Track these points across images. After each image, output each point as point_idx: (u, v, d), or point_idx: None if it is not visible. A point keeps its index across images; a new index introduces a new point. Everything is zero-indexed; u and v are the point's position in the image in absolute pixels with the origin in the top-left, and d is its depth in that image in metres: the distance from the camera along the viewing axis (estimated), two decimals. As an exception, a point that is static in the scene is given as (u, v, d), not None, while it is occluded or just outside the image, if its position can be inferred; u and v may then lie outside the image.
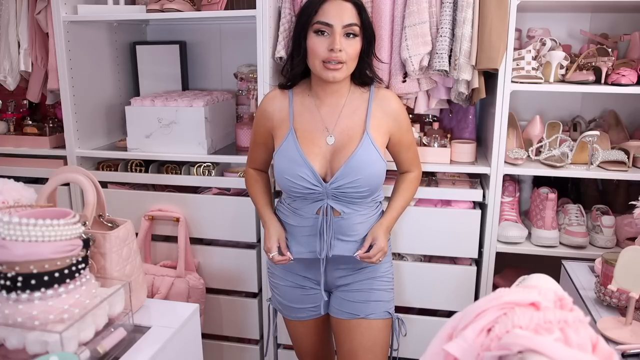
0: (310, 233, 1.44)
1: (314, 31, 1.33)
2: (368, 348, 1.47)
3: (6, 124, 2.22)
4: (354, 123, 1.41)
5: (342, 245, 1.44)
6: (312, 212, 1.42)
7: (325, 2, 1.32)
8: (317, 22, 1.32)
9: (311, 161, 1.38)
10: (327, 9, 1.31)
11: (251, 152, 1.60)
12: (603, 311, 1.33)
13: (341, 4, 1.31)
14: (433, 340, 0.63)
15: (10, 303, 0.95)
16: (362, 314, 1.46)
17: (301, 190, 1.39)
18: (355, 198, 1.40)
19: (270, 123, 1.47)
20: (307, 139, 1.41)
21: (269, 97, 1.49)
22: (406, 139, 1.50)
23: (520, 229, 1.84)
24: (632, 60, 1.86)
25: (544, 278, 0.66)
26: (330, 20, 1.31)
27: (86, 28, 2.05)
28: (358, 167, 1.36)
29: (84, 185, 1.19)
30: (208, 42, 2.36)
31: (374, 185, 1.41)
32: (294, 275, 1.52)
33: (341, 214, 1.41)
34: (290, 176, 1.38)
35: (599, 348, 0.57)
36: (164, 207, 1.98)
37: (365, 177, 1.37)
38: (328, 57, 1.32)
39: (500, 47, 1.66)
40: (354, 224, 1.43)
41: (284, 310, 1.58)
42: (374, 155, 1.39)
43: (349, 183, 1.37)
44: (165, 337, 1.16)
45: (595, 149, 1.77)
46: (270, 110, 1.47)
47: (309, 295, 1.52)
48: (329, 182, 1.38)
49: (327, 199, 1.40)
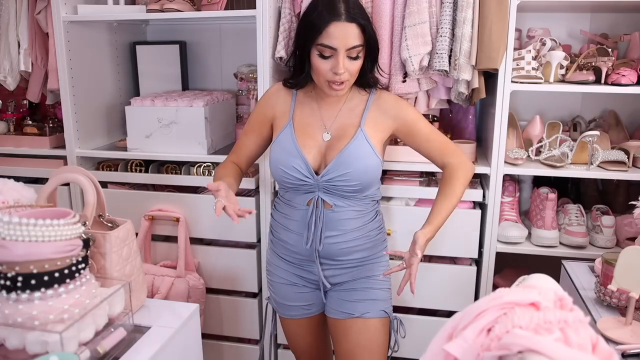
0: (301, 224, 1.45)
1: (318, 52, 1.33)
2: (365, 347, 1.47)
3: (6, 124, 2.22)
4: (350, 120, 1.44)
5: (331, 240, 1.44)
6: (304, 203, 1.44)
7: (331, 25, 1.29)
8: (320, 44, 1.31)
9: (305, 153, 1.41)
10: (332, 31, 1.29)
11: (238, 142, 1.57)
12: (603, 311, 1.33)
13: (346, 26, 1.29)
14: (433, 340, 0.63)
15: (10, 303, 0.95)
16: (357, 313, 1.47)
17: (293, 181, 1.41)
18: (346, 192, 1.41)
19: (272, 112, 1.49)
20: (305, 132, 1.44)
21: (276, 87, 1.52)
22: (418, 129, 1.44)
23: (520, 229, 1.84)
24: (632, 60, 1.86)
25: (544, 278, 0.66)
26: (334, 44, 1.30)
27: (86, 28, 2.05)
28: (349, 160, 1.38)
29: (84, 185, 1.19)
30: (208, 42, 2.36)
31: (366, 181, 1.41)
32: (287, 272, 1.53)
33: (332, 207, 1.42)
34: (283, 166, 1.41)
35: (599, 348, 0.57)
36: (164, 207, 1.98)
37: (356, 170, 1.38)
38: (332, 78, 1.34)
39: (500, 47, 1.66)
40: (345, 219, 1.43)
41: (279, 307, 1.60)
42: (367, 150, 1.40)
43: (340, 176, 1.38)
44: (165, 337, 1.16)
45: (595, 149, 1.77)
46: (274, 99, 1.50)
47: (302, 293, 1.53)
48: (321, 174, 1.40)
49: (318, 192, 1.41)
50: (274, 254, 1.56)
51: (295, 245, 1.48)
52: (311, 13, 1.34)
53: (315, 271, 1.48)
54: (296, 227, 1.46)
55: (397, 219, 1.84)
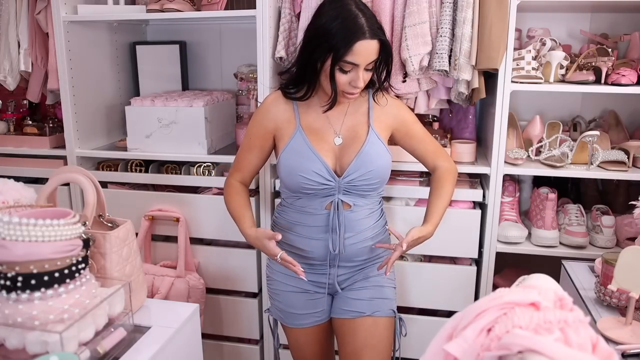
0: (321, 229, 1.43)
1: (339, 67, 1.31)
2: (373, 346, 1.45)
3: (6, 124, 2.22)
4: (358, 120, 1.45)
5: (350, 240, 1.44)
6: (322, 207, 1.42)
7: (357, 43, 1.27)
8: (344, 61, 1.30)
9: (323, 156, 1.40)
10: (358, 49, 1.28)
11: (240, 159, 1.52)
12: (603, 311, 1.33)
13: (370, 43, 1.29)
14: (433, 340, 0.63)
15: (10, 303, 0.95)
16: (368, 312, 1.45)
17: (314, 186, 1.39)
18: (366, 191, 1.43)
19: (274, 124, 1.45)
20: (317, 135, 1.42)
21: (273, 97, 1.47)
22: (415, 130, 1.51)
23: (520, 229, 1.84)
24: (632, 60, 1.86)
25: (544, 278, 0.66)
26: (357, 60, 1.29)
27: (86, 28, 2.05)
28: (369, 160, 1.40)
29: (84, 185, 1.19)
30: (208, 42, 2.36)
31: (384, 177, 1.45)
32: (297, 280, 1.46)
33: (351, 207, 1.42)
34: (302, 172, 1.38)
35: (599, 348, 0.57)
36: (164, 207, 1.98)
37: (377, 169, 1.41)
38: (349, 90, 1.35)
39: (500, 47, 1.66)
40: (361, 219, 1.44)
41: (286, 318, 1.54)
42: (381, 148, 1.43)
43: (362, 176, 1.39)
44: (165, 337, 1.16)
45: (595, 149, 1.77)
46: (274, 111, 1.45)
47: (314, 299, 1.50)
48: (342, 176, 1.40)
49: (338, 194, 1.41)
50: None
51: (313, 252, 1.44)
52: (328, 27, 1.29)
53: (331, 275, 1.47)
54: (313, 232, 1.43)
55: (397, 219, 1.84)
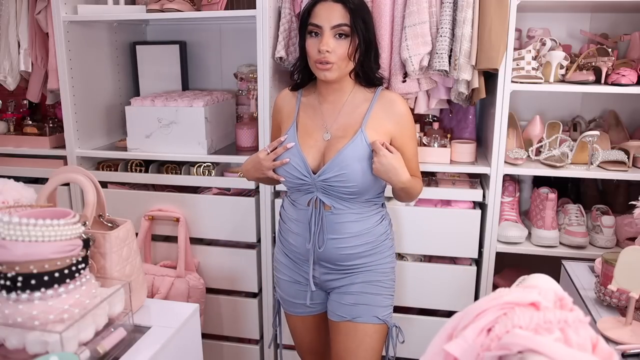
0: (302, 224, 1.46)
1: (308, 32, 1.38)
2: (352, 351, 1.47)
3: (6, 124, 2.22)
4: (352, 120, 1.42)
5: (332, 243, 1.43)
6: (305, 203, 1.45)
7: (317, 5, 1.36)
8: (309, 24, 1.37)
9: (305, 152, 1.42)
10: (318, 11, 1.36)
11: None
12: (603, 311, 1.33)
13: (331, 5, 1.34)
14: (433, 340, 0.63)
15: (10, 303, 0.95)
16: (348, 317, 1.47)
17: (293, 180, 1.43)
18: (343, 194, 1.40)
19: (280, 117, 1.54)
20: (306, 132, 1.45)
21: (283, 93, 1.56)
22: (408, 147, 1.44)
23: (520, 229, 1.84)
24: (632, 60, 1.86)
25: (543, 278, 0.66)
26: (319, 21, 1.35)
27: (86, 28, 2.05)
28: (344, 161, 1.37)
29: (84, 185, 1.19)
30: (208, 42, 2.36)
31: (363, 183, 1.38)
32: (292, 271, 1.54)
33: (331, 209, 1.42)
34: (286, 166, 1.43)
35: (599, 348, 0.57)
36: (164, 207, 1.99)
37: (351, 172, 1.36)
38: (318, 58, 1.35)
39: (500, 47, 1.66)
40: (345, 222, 1.42)
41: (284, 304, 1.61)
42: (365, 152, 1.37)
43: (335, 177, 1.37)
44: (165, 337, 1.16)
45: (595, 149, 1.77)
46: (280, 105, 1.54)
47: (303, 291, 1.54)
48: (317, 173, 1.40)
49: (317, 192, 1.42)
50: (281, 251, 1.57)
51: (296, 245, 1.49)
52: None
53: (315, 272, 1.49)
54: (298, 227, 1.47)
55: (397, 219, 1.84)
